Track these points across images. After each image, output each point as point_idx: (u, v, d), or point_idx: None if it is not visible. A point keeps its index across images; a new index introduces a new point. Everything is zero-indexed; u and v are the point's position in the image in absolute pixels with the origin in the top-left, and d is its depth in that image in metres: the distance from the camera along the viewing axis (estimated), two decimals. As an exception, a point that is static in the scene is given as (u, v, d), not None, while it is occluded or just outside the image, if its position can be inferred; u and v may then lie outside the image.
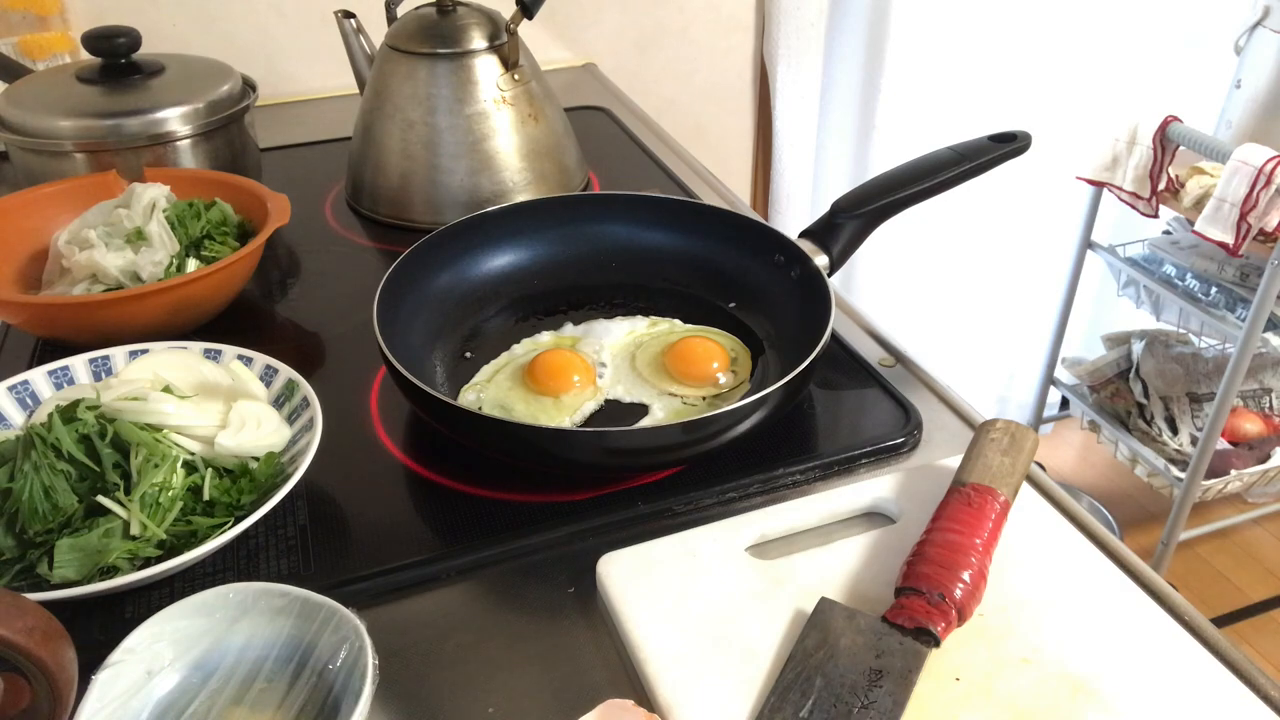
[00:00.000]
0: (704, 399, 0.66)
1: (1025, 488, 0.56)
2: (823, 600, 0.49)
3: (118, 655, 0.42)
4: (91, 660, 0.41)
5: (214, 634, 0.45)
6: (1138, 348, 2.04)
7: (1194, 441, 1.90)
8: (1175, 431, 1.94)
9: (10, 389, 0.60)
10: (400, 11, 0.96)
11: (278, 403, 0.61)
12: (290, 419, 0.59)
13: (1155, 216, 1.79)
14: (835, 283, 0.65)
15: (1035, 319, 2.04)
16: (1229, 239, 1.62)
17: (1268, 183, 1.54)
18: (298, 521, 0.58)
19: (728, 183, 1.06)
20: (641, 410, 0.66)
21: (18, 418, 0.59)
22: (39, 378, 0.61)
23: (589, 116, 1.21)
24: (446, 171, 0.90)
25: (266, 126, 1.09)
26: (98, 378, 0.62)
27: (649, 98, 1.30)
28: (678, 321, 0.74)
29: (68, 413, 0.53)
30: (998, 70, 1.69)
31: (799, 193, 1.65)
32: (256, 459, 0.56)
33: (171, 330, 0.69)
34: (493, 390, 0.67)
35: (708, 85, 1.54)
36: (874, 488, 0.58)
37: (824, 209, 0.69)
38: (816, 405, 0.67)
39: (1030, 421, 2.11)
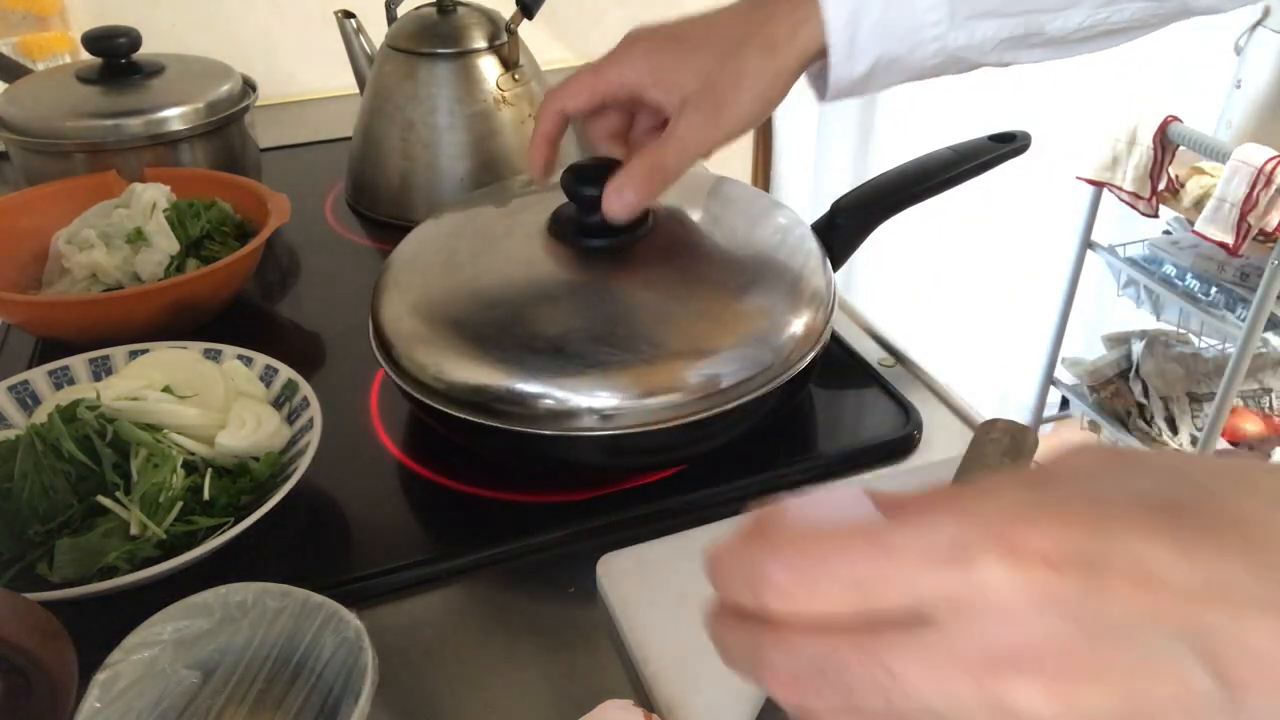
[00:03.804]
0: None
1: (1025, 488, 0.56)
2: (823, 600, 0.49)
3: (117, 655, 0.42)
4: (91, 660, 0.41)
5: (214, 634, 0.45)
6: (1138, 348, 2.04)
7: (1194, 441, 1.90)
8: (1175, 431, 1.95)
9: (10, 389, 0.60)
10: (400, 11, 0.96)
11: (278, 403, 0.61)
12: (290, 419, 0.59)
13: (1155, 216, 1.80)
14: (835, 282, 0.65)
15: (1035, 319, 2.04)
16: (1229, 239, 1.62)
17: (1268, 183, 1.55)
18: (298, 521, 0.58)
19: (728, 183, 1.06)
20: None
21: (18, 418, 0.59)
22: (39, 378, 0.61)
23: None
24: (446, 172, 0.90)
25: (266, 126, 1.09)
26: (98, 378, 0.62)
27: (649, 98, 1.29)
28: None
29: (68, 413, 0.53)
30: (998, 70, 1.70)
31: (799, 193, 1.65)
32: (256, 459, 0.56)
33: (171, 330, 0.69)
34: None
35: (708, 85, 1.54)
36: (874, 487, 0.58)
37: (824, 209, 0.69)
38: (816, 405, 0.67)
39: (1030, 421, 2.11)
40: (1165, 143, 1.69)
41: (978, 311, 2.03)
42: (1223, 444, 1.90)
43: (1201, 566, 0.20)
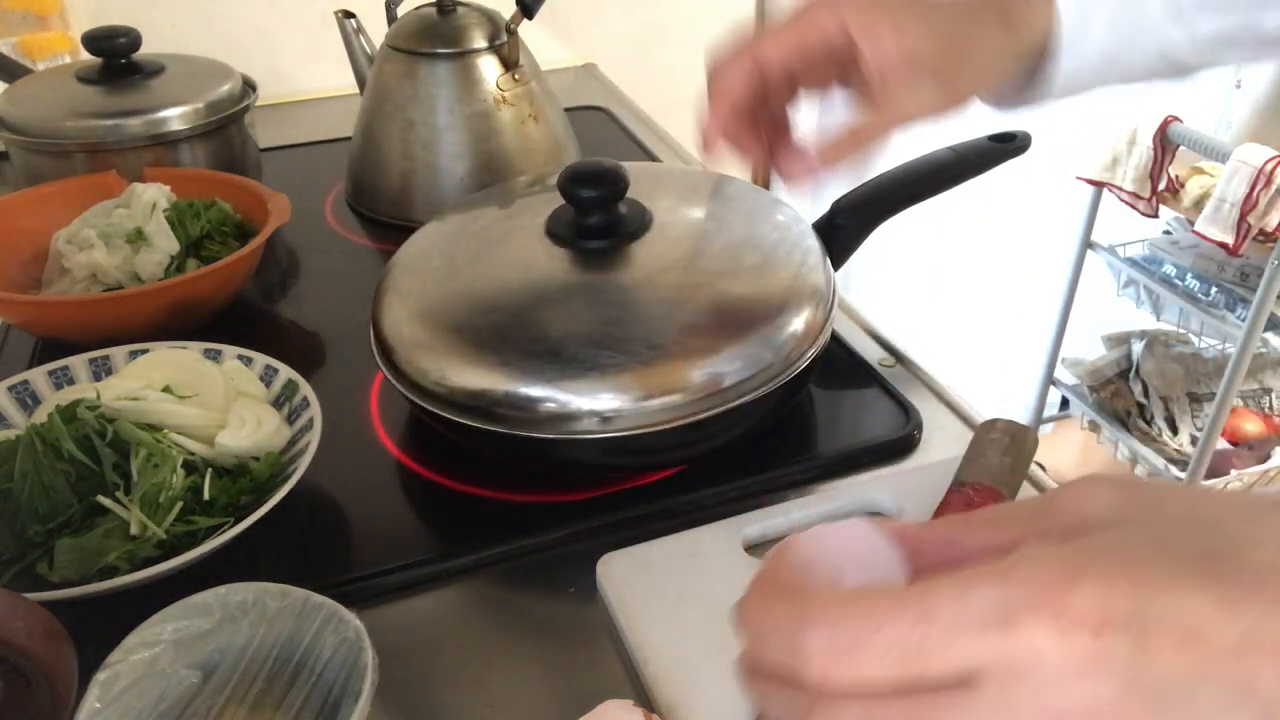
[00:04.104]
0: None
1: (1025, 488, 0.56)
2: (823, 600, 0.49)
3: (117, 655, 0.42)
4: (91, 660, 0.41)
5: (214, 634, 0.45)
6: (1138, 348, 2.04)
7: (1194, 441, 1.90)
8: (1175, 431, 1.95)
9: (10, 389, 0.60)
10: (400, 11, 0.96)
11: (278, 403, 0.61)
12: (290, 419, 0.59)
13: (1155, 216, 1.80)
14: (835, 281, 0.65)
15: (1035, 319, 2.04)
16: (1229, 239, 1.62)
17: (1268, 183, 1.55)
18: (298, 521, 0.58)
19: (728, 183, 1.06)
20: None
21: (18, 418, 0.59)
22: (39, 378, 0.61)
23: (589, 116, 1.21)
24: (446, 172, 0.90)
25: (266, 126, 1.09)
26: (98, 378, 0.62)
27: (649, 98, 1.30)
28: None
29: (68, 413, 0.53)
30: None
31: (799, 192, 1.65)
32: (256, 459, 0.56)
33: (171, 330, 0.69)
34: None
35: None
36: (874, 488, 0.58)
37: (824, 209, 0.69)
38: (816, 405, 0.67)
39: (1030, 421, 2.11)
40: (1165, 143, 1.69)
41: (978, 311, 2.03)
42: (1223, 444, 1.90)
43: (1242, 620, 0.20)
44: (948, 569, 0.23)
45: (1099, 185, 1.83)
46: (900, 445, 0.63)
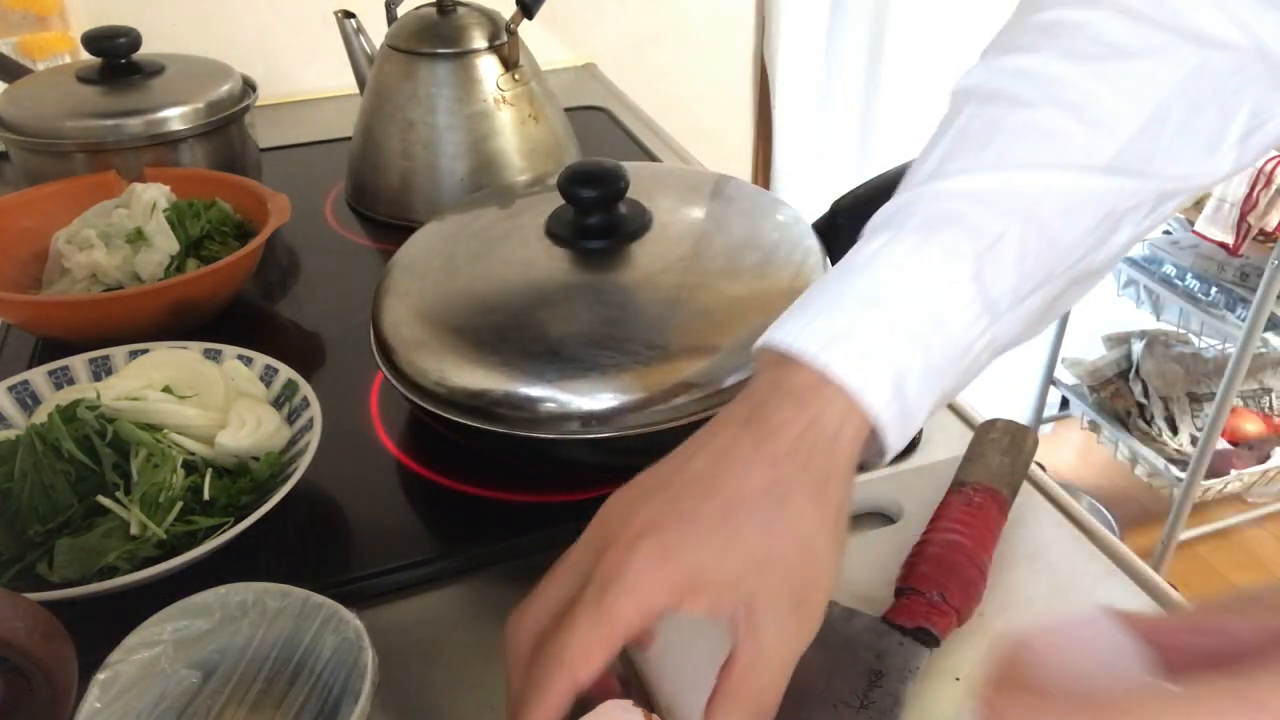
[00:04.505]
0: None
1: (1025, 488, 0.56)
2: (823, 600, 0.49)
3: (117, 655, 0.42)
4: (91, 660, 0.41)
5: (213, 634, 0.45)
6: (1138, 348, 2.04)
7: (1194, 441, 1.90)
8: (1175, 431, 1.95)
9: (10, 389, 0.60)
10: (400, 11, 0.96)
11: (278, 403, 0.61)
12: (290, 419, 0.59)
13: (1155, 216, 1.79)
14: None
15: (1035, 319, 2.03)
16: (1229, 239, 1.62)
17: (1268, 183, 1.55)
18: (297, 521, 0.58)
19: (728, 183, 1.06)
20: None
21: (18, 418, 0.59)
22: (39, 378, 0.61)
23: (589, 116, 1.21)
24: (446, 172, 0.91)
25: (266, 126, 1.09)
26: (98, 378, 0.62)
27: (649, 98, 1.30)
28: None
29: (68, 413, 0.53)
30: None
31: (799, 192, 1.65)
32: (256, 459, 0.56)
33: (171, 330, 0.69)
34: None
35: (708, 85, 1.54)
36: (874, 488, 0.58)
37: (824, 209, 0.69)
38: (816, 405, 0.67)
39: (1030, 421, 2.11)
40: (1165, 143, 1.69)
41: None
42: (1223, 444, 1.90)
43: None
44: (1210, 660, 0.21)
45: (1099, 185, 1.83)
46: (900, 445, 0.63)
